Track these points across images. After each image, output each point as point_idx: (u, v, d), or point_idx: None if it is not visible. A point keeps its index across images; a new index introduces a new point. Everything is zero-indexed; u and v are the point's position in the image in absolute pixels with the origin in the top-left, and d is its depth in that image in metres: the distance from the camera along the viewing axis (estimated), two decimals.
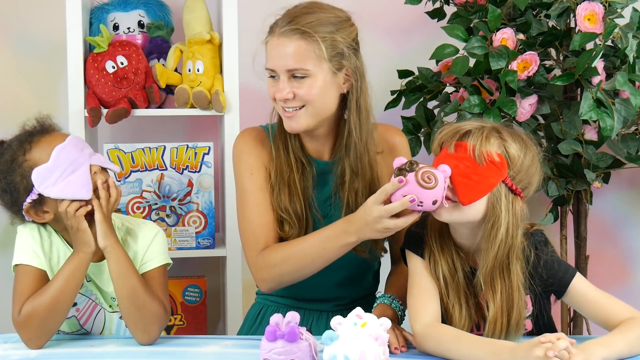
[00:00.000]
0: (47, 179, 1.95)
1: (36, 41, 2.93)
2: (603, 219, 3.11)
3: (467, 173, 1.86)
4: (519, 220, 1.89)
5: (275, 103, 2.10)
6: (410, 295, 1.98)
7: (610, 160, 2.65)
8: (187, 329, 2.76)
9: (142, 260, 2.05)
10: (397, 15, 3.00)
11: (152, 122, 2.91)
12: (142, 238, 2.08)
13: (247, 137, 2.20)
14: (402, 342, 1.97)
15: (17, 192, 1.98)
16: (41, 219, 2.00)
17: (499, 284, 1.90)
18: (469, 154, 1.86)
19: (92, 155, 2.01)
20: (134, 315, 1.98)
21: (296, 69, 2.04)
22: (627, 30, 2.53)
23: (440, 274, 1.95)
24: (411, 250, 2.00)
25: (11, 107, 2.89)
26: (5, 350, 1.97)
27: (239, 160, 2.20)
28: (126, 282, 1.98)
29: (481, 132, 1.88)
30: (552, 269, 1.94)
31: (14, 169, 1.97)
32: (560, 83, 2.49)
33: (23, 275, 1.99)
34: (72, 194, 1.95)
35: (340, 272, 2.19)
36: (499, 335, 1.90)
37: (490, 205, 1.87)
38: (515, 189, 1.88)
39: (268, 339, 1.77)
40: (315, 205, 2.16)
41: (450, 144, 1.90)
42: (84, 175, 1.97)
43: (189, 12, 2.74)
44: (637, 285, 3.11)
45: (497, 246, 1.87)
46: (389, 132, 2.25)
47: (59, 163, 1.95)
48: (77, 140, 2.01)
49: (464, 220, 1.90)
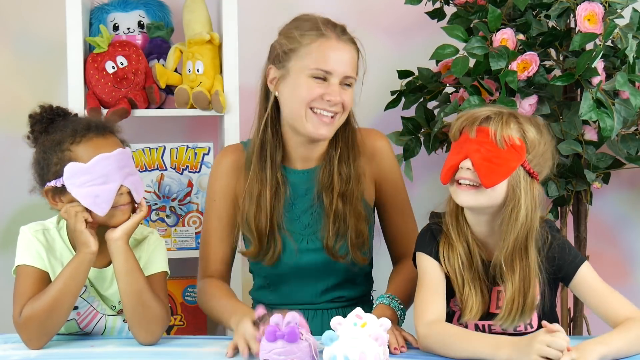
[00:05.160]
0: (77, 178, 1.96)
1: (36, 41, 2.93)
2: (603, 219, 3.10)
3: (489, 157, 1.91)
4: (537, 203, 1.96)
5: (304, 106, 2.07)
6: (418, 293, 2.00)
7: (610, 160, 2.65)
8: (187, 329, 2.76)
9: (144, 265, 2.06)
10: (397, 15, 3.00)
11: (152, 122, 2.91)
12: (146, 244, 2.10)
13: (222, 161, 2.24)
14: (401, 342, 1.97)
15: (47, 171, 1.99)
16: (54, 205, 2.01)
17: (518, 265, 1.96)
18: (491, 138, 1.92)
19: (128, 177, 2.00)
20: (139, 314, 1.98)
21: (350, 77, 2.10)
22: (627, 30, 2.53)
23: (457, 262, 1.98)
24: (423, 251, 2.02)
25: (11, 107, 2.89)
26: (5, 350, 1.97)
27: (210, 182, 2.25)
28: (133, 279, 1.98)
29: (500, 117, 1.94)
30: (564, 252, 2.00)
31: (55, 150, 1.99)
32: (560, 83, 2.49)
33: (25, 276, 1.99)
34: (89, 204, 1.96)
35: (329, 279, 2.21)
36: (515, 315, 1.95)
37: (511, 189, 1.93)
38: (532, 172, 1.95)
39: (268, 339, 1.77)
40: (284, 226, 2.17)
41: (471, 129, 1.94)
42: (109, 194, 1.97)
43: (189, 13, 2.74)
44: (637, 286, 3.11)
45: (518, 228, 1.93)
46: (370, 137, 2.25)
47: (95, 170, 1.96)
48: (123, 155, 2.00)
49: (486, 204, 1.94)
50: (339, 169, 2.15)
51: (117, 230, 1.99)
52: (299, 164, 2.20)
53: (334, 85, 2.07)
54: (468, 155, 1.93)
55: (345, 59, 2.08)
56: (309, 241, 2.18)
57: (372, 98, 2.50)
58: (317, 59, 2.07)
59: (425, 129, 2.74)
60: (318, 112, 2.08)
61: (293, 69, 2.10)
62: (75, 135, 1.99)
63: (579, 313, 2.77)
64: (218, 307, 2.11)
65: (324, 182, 2.16)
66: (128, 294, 1.98)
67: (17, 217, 2.79)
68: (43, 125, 2.05)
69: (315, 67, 2.07)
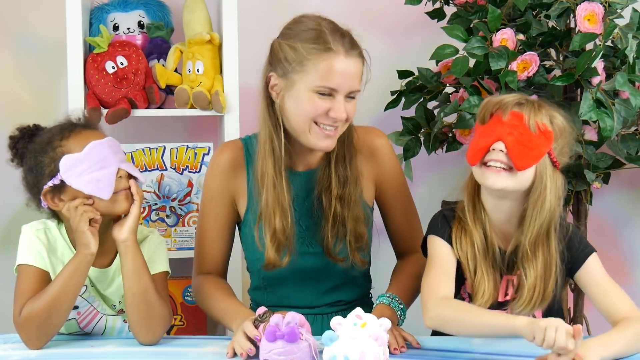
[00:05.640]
0: (74, 169, 1.97)
1: (36, 41, 2.93)
2: (603, 219, 3.10)
3: (522, 140, 1.94)
4: (560, 191, 2.00)
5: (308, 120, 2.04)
6: (428, 273, 2.01)
7: (610, 160, 2.65)
8: (187, 329, 2.76)
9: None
10: (397, 15, 3.00)
11: (152, 122, 2.91)
12: (147, 244, 2.10)
13: (220, 158, 2.20)
14: (401, 342, 1.97)
15: (41, 174, 2.00)
16: (55, 206, 2.01)
17: (540, 251, 2.00)
18: (524, 122, 1.95)
19: (122, 162, 2.02)
20: (143, 314, 1.98)
21: (356, 91, 2.07)
22: (627, 30, 2.53)
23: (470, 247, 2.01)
24: (436, 234, 2.04)
25: (11, 107, 2.89)
26: (5, 350, 1.97)
27: (206, 180, 2.22)
28: (140, 278, 1.98)
29: (532, 104, 1.98)
30: (575, 240, 2.04)
31: (46, 150, 2.00)
32: (560, 83, 2.49)
33: (26, 275, 1.99)
34: (92, 190, 1.97)
35: (328, 281, 2.20)
36: (535, 301, 1.99)
37: (538, 175, 1.97)
38: (555, 161, 1.98)
39: (268, 339, 1.77)
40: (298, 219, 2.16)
41: (504, 113, 1.97)
42: (110, 176, 1.98)
43: (189, 13, 2.74)
44: (637, 286, 3.11)
45: (544, 215, 1.97)
46: (369, 135, 2.23)
47: (90, 157, 1.97)
48: (114, 142, 2.04)
49: (513, 188, 1.97)
50: (336, 170, 2.14)
51: (124, 231, 1.99)
52: (301, 166, 2.18)
53: (339, 102, 2.03)
54: (501, 137, 1.95)
55: (352, 74, 2.04)
56: (309, 244, 2.17)
57: (372, 98, 2.49)
58: (323, 77, 2.01)
59: (425, 129, 2.74)
60: (322, 127, 2.05)
61: (298, 83, 2.04)
62: (64, 132, 2.02)
63: (579, 313, 2.77)
64: (219, 308, 2.10)
65: (323, 183, 2.15)
66: (134, 292, 1.98)
67: (17, 217, 2.78)
68: (25, 141, 2.07)
69: (321, 84, 2.02)
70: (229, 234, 2.21)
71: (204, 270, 2.21)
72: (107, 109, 2.64)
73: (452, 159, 2.86)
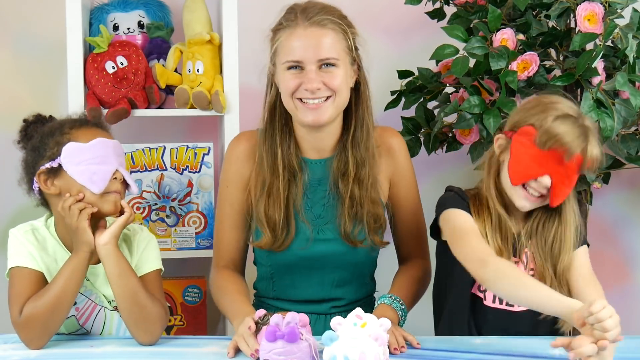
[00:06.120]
0: (75, 157, 2.00)
1: (36, 41, 2.93)
2: (603, 219, 3.10)
3: (567, 182, 2.02)
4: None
5: (291, 99, 2.09)
6: (462, 240, 2.03)
7: (610, 160, 2.65)
8: (187, 329, 2.76)
9: (136, 265, 2.06)
10: (397, 15, 3.00)
11: (152, 122, 2.91)
12: (136, 243, 2.10)
13: (237, 147, 2.23)
14: (401, 342, 1.97)
15: (42, 155, 2.02)
16: (46, 189, 2.02)
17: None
18: (579, 167, 2.02)
19: (122, 167, 2.05)
20: (136, 316, 1.98)
21: (328, 58, 2.07)
22: (627, 30, 2.53)
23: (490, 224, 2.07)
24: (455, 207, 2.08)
25: (11, 107, 2.89)
26: (5, 350, 1.97)
27: (224, 168, 2.25)
28: (126, 282, 1.98)
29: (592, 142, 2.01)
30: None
31: (54, 134, 2.03)
32: (560, 83, 2.49)
33: (20, 277, 1.99)
34: (85, 181, 1.99)
35: (336, 272, 2.20)
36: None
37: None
38: None
39: (268, 339, 1.77)
40: (303, 213, 2.16)
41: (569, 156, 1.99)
42: (105, 173, 2.01)
43: (189, 13, 2.74)
44: (637, 286, 3.11)
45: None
46: (386, 133, 2.25)
47: (93, 150, 2.01)
48: (119, 146, 2.08)
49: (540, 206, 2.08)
50: (353, 152, 2.15)
51: (105, 235, 1.99)
52: (313, 154, 2.19)
53: (309, 72, 2.06)
54: (550, 173, 2.00)
55: (315, 43, 2.06)
56: (320, 231, 2.17)
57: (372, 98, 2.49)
58: (285, 52, 2.08)
59: (425, 129, 2.74)
60: (305, 102, 2.09)
61: (277, 66, 2.12)
62: (76, 123, 2.06)
63: None
64: (225, 304, 2.12)
65: (340, 169, 2.16)
66: (122, 296, 1.98)
67: (17, 217, 2.78)
68: (37, 125, 2.10)
69: (285, 59, 2.08)
70: (244, 220, 2.21)
71: (221, 263, 2.21)
72: (107, 109, 2.64)
73: (452, 159, 2.86)
